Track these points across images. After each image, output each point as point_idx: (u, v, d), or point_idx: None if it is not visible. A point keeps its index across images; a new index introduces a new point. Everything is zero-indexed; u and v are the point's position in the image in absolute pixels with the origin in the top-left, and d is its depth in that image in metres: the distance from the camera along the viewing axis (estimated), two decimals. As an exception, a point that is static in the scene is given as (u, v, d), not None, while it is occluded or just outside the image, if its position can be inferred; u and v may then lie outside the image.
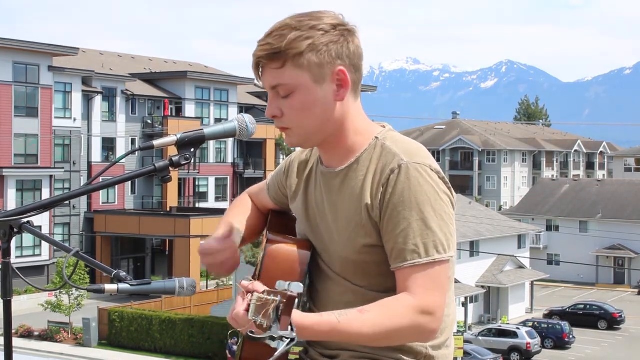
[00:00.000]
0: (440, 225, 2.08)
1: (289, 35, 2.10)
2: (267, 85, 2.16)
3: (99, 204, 51.46)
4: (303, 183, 2.38)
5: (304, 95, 2.13)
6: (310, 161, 2.39)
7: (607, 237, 58.33)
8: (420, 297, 2.03)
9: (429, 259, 2.06)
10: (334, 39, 2.13)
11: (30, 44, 47.28)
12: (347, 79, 2.16)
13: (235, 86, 60.75)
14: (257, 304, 1.74)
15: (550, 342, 40.39)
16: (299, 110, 2.14)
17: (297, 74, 2.11)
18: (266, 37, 2.13)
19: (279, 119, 2.17)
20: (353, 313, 1.98)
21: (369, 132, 2.23)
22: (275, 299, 1.70)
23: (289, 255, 2.28)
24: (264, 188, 2.57)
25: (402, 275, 2.08)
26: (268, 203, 2.56)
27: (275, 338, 1.71)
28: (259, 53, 2.13)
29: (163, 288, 2.24)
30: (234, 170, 60.13)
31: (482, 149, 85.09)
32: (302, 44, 2.10)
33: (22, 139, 46.71)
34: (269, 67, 2.13)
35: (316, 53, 2.11)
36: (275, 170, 2.55)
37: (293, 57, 2.10)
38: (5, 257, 2.19)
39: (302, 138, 2.19)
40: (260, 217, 2.58)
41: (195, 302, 37.71)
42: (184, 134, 2.17)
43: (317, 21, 2.13)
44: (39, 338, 35.23)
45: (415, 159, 2.12)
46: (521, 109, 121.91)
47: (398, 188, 2.10)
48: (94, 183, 2.16)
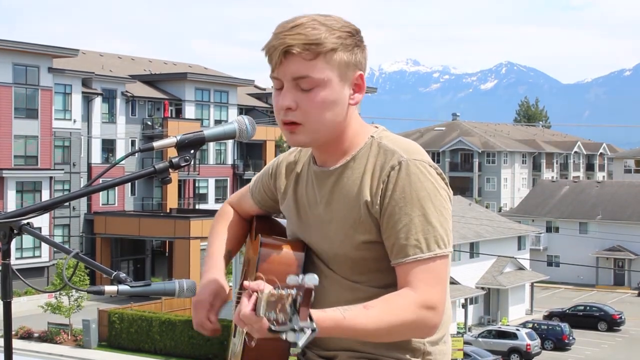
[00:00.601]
0: (440, 220, 2.10)
1: (322, 30, 2.09)
2: (289, 74, 2.11)
3: (98, 205, 51.45)
4: (292, 183, 2.37)
5: (328, 92, 2.11)
6: (300, 162, 2.38)
7: (607, 238, 58.33)
8: (422, 292, 2.04)
9: (431, 253, 2.08)
10: (358, 43, 2.16)
11: (30, 45, 47.30)
12: (364, 85, 2.18)
13: (235, 88, 60.76)
14: (270, 300, 1.73)
15: (550, 343, 40.40)
16: (318, 106, 2.11)
17: (326, 69, 2.10)
18: (295, 27, 2.09)
19: (291, 112, 2.13)
20: (357, 308, 1.97)
21: (364, 132, 2.24)
22: (291, 292, 1.69)
23: (283, 256, 2.28)
24: (246, 194, 2.56)
25: (404, 270, 2.09)
26: (251, 208, 2.56)
27: (296, 330, 1.69)
28: (290, 41, 2.08)
29: (163, 289, 2.24)
30: (233, 171, 60.13)
31: (482, 151, 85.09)
32: (337, 40, 2.10)
33: (22, 140, 46.70)
34: (298, 57, 2.08)
35: (346, 52, 2.12)
36: (259, 174, 2.53)
37: (327, 52, 2.09)
38: (5, 258, 2.19)
39: (311, 136, 2.16)
40: (244, 226, 2.57)
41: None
42: (184, 135, 2.17)
43: (342, 23, 2.14)
44: (39, 339, 35.22)
45: (414, 155, 2.14)
46: (521, 110, 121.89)
47: (399, 184, 2.11)
48: (93, 184, 2.16)
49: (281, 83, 2.14)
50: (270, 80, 2.19)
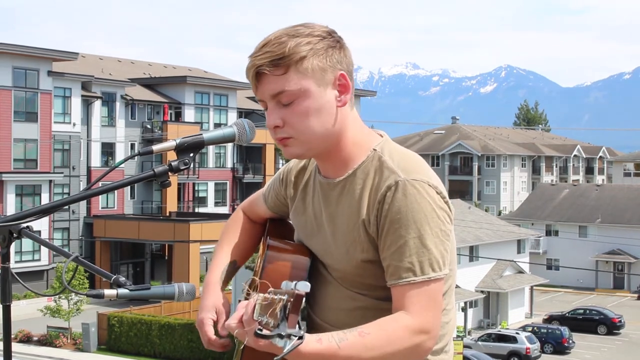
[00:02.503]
0: (436, 242, 2.07)
1: (289, 42, 2.08)
2: (267, 94, 2.12)
3: (98, 208, 51.46)
4: (300, 192, 2.37)
5: (309, 100, 2.10)
6: (308, 169, 2.38)
7: (607, 242, 58.28)
8: (416, 317, 2.03)
9: (424, 277, 2.06)
10: (331, 44, 2.14)
11: (30, 48, 47.32)
12: (349, 84, 2.16)
13: (234, 91, 60.77)
14: (262, 303, 1.73)
15: (550, 347, 40.38)
16: (303, 116, 2.11)
17: (301, 79, 2.09)
18: (263, 46, 2.10)
19: (280, 129, 2.13)
20: (353, 337, 1.94)
21: (367, 142, 2.22)
22: (282, 298, 1.69)
23: (289, 260, 2.28)
24: (260, 199, 2.56)
25: (398, 292, 2.07)
26: (265, 213, 2.55)
27: (283, 336, 1.69)
28: (258, 62, 2.09)
29: (162, 293, 2.24)
30: (233, 175, 60.14)
31: (482, 154, 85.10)
32: (304, 48, 2.09)
33: (22, 143, 46.70)
34: (270, 75, 2.09)
35: (318, 57, 2.10)
36: (272, 180, 2.53)
37: (296, 62, 2.08)
38: (5, 262, 2.19)
39: (304, 147, 2.15)
40: (256, 231, 2.57)
41: (194, 307, 37.65)
42: (183, 139, 2.17)
43: (311, 29, 2.13)
44: (38, 343, 35.20)
45: (413, 175, 2.11)
46: (520, 114, 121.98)
47: (395, 205, 2.08)
48: (93, 188, 2.16)
49: (265, 104, 2.15)
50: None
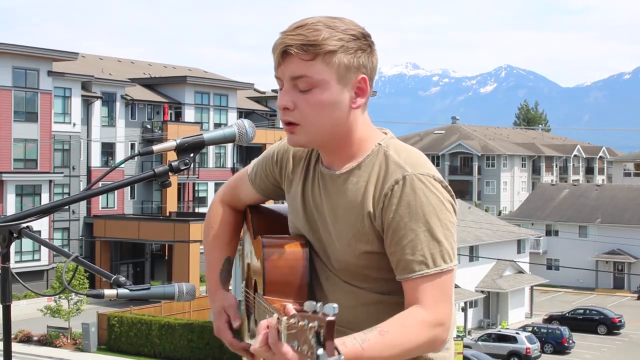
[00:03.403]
0: (446, 234, 2.10)
1: (324, 31, 2.09)
2: (288, 74, 2.13)
3: (98, 208, 51.44)
4: (301, 178, 2.35)
5: (326, 93, 2.11)
6: (307, 155, 2.36)
7: (607, 242, 58.28)
8: (431, 310, 2.04)
9: (437, 269, 2.07)
10: (362, 47, 2.15)
11: (30, 48, 47.30)
12: (367, 89, 2.17)
13: (234, 91, 60.77)
14: (290, 331, 1.65)
15: (550, 347, 40.38)
16: (316, 107, 2.12)
17: (324, 71, 2.10)
18: (298, 28, 2.11)
19: (289, 112, 2.14)
20: (374, 337, 1.93)
21: (372, 138, 2.23)
22: (313, 325, 1.61)
23: (289, 256, 2.27)
24: (244, 180, 2.55)
25: (411, 286, 2.08)
26: (249, 196, 2.54)
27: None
28: (289, 41, 2.10)
29: (162, 293, 2.24)
30: (233, 175, 60.09)
31: (482, 154, 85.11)
32: (336, 42, 2.10)
33: (22, 143, 46.69)
34: (296, 57, 2.10)
35: (347, 55, 2.11)
36: (258, 161, 2.51)
37: (325, 53, 2.09)
38: (5, 262, 2.19)
39: (309, 137, 2.16)
40: (240, 221, 2.57)
41: (194, 307, 37.67)
42: (184, 139, 2.17)
43: (347, 25, 2.14)
44: (38, 343, 35.19)
45: (419, 169, 2.13)
46: (520, 113, 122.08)
47: (404, 200, 2.09)
48: (93, 188, 2.16)
49: (282, 83, 2.16)
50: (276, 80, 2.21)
